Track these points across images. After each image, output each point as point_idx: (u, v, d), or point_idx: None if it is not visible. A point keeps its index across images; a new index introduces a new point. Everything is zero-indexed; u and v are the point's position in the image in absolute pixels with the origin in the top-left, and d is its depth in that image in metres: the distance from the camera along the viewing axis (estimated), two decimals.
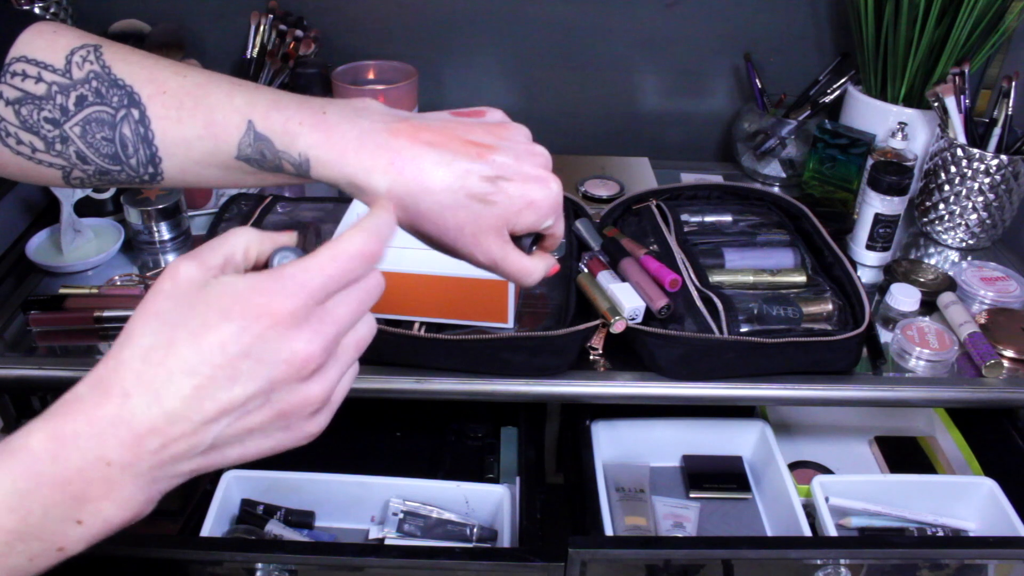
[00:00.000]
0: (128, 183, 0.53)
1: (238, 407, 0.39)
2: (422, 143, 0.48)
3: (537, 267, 0.53)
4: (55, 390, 0.98)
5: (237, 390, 0.38)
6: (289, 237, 0.45)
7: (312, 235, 1.05)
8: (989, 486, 0.96)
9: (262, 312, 0.38)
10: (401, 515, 0.96)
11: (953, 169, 1.11)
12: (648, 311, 0.91)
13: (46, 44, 0.51)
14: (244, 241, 0.43)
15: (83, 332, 0.93)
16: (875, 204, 1.07)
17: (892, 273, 1.07)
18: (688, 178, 1.31)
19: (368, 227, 0.42)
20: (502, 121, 0.54)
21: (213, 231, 1.04)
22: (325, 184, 0.51)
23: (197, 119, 0.50)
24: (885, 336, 0.98)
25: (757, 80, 1.28)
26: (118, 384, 0.38)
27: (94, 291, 0.96)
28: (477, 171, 0.48)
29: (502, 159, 0.49)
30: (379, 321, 0.87)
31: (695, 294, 0.91)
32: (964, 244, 1.16)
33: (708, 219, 1.08)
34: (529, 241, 0.53)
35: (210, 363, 0.38)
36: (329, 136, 0.48)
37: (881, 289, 1.06)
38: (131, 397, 0.37)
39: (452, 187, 0.48)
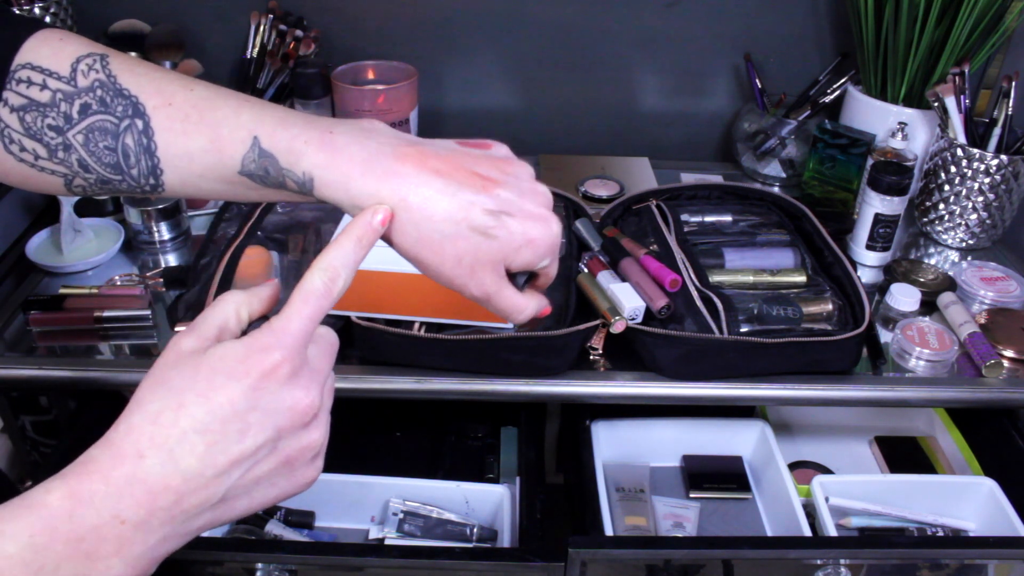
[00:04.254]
0: (129, 192, 0.53)
1: (249, 457, 0.41)
2: (428, 170, 0.48)
3: (529, 305, 0.53)
4: (55, 390, 0.99)
5: (248, 442, 0.41)
6: (271, 288, 0.47)
7: (312, 235, 1.05)
8: (989, 486, 0.96)
9: (265, 367, 0.41)
10: (401, 515, 0.96)
11: (953, 169, 1.11)
12: (648, 311, 0.91)
13: (52, 51, 0.51)
14: (234, 307, 0.45)
15: (83, 332, 0.93)
16: (875, 204, 1.07)
17: (892, 273, 1.07)
18: (688, 178, 1.31)
19: (324, 264, 0.45)
20: (507, 156, 0.53)
21: (213, 231, 1.04)
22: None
23: (202, 132, 0.50)
24: (885, 336, 0.98)
25: (757, 80, 1.28)
26: (132, 446, 0.40)
27: (94, 291, 0.96)
28: (481, 203, 0.48)
29: (506, 194, 0.49)
30: (379, 321, 0.87)
31: (695, 294, 0.91)
32: (964, 244, 1.16)
33: (708, 219, 1.08)
34: (523, 279, 0.53)
35: (221, 419, 0.40)
36: (334, 157, 0.48)
37: (881, 289, 1.06)
38: (145, 458, 0.39)
39: (455, 217, 0.48)
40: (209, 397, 0.40)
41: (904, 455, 1.09)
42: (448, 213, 0.48)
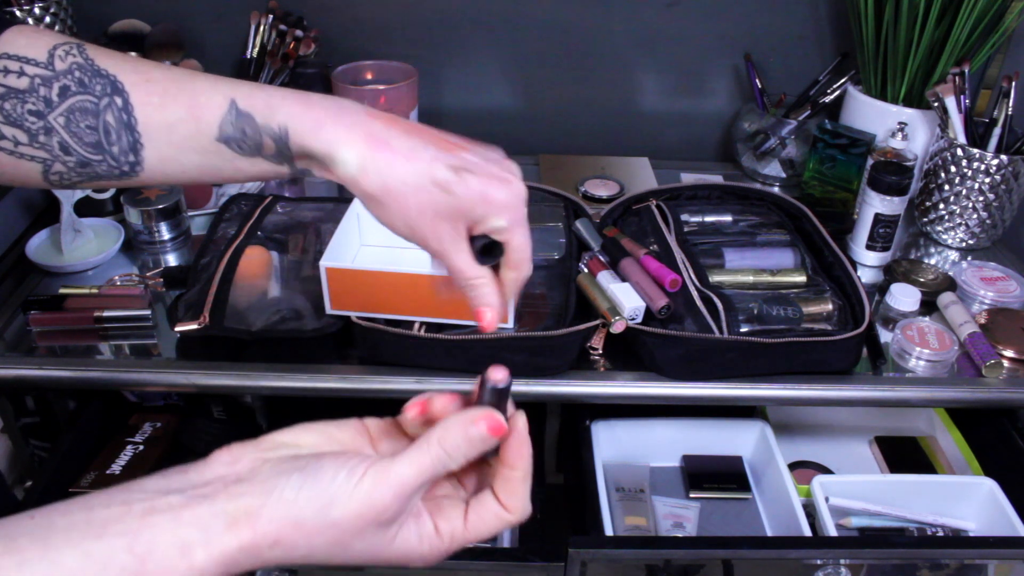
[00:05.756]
0: (107, 176, 0.53)
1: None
2: (397, 128, 0.51)
3: (481, 277, 0.53)
4: (55, 390, 0.98)
5: (341, 555, 0.42)
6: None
7: (312, 235, 1.04)
8: (989, 486, 0.96)
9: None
10: None
11: (953, 169, 1.11)
12: (648, 311, 0.91)
13: (28, 41, 0.52)
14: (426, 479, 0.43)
15: (83, 332, 0.93)
16: (875, 204, 1.07)
17: (892, 273, 1.07)
18: (688, 178, 1.31)
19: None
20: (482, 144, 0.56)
21: (213, 231, 1.04)
22: (316, 178, 0.53)
23: (180, 102, 0.52)
24: (885, 336, 0.98)
25: (757, 80, 1.29)
26: (274, 534, 0.40)
27: (94, 291, 0.96)
28: (444, 160, 0.51)
29: (470, 156, 0.52)
30: (379, 321, 0.87)
31: (695, 294, 0.91)
32: (964, 244, 1.16)
33: (708, 219, 1.08)
34: (480, 244, 0.53)
35: (340, 557, 0.42)
36: (308, 108, 0.51)
37: (881, 289, 1.06)
38: (275, 548, 0.40)
39: (419, 170, 0.50)
40: (348, 549, 0.42)
41: (904, 455, 1.09)
42: (413, 166, 0.50)
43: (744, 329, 0.89)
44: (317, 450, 0.45)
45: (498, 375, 0.45)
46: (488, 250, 0.53)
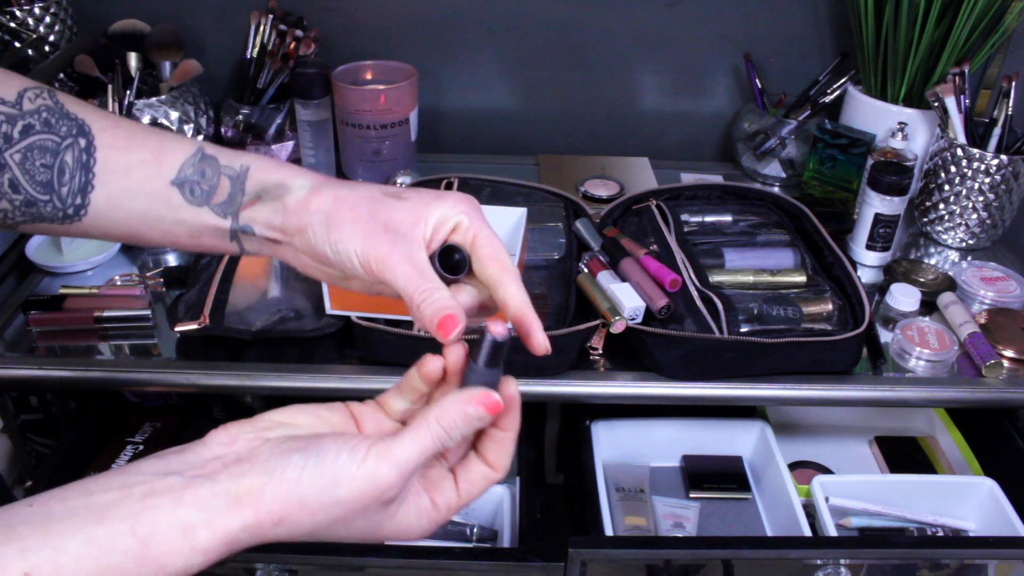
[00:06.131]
0: (50, 218, 0.52)
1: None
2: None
3: (438, 283, 0.48)
4: (55, 390, 0.98)
5: (343, 532, 0.44)
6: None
7: None
8: (989, 486, 0.96)
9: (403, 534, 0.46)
10: None
11: (953, 169, 1.11)
12: (648, 311, 0.91)
13: None
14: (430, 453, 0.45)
15: (83, 332, 0.93)
16: (875, 204, 1.07)
17: (892, 273, 1.07)
18: (688, 178, 1.31)
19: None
20: None
21: None
22: (255, 238, 0.52)
23: (147, 147, 0.52)
24: (885, 336, 0.98)
25: (757, 80, 1.29)
26: (278, 513, 0.41)
27: (94, 291, 0.96)
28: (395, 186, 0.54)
29: None
30: (379, 321, 0.87)
31: (695, 294, 0.91)
32: (964, 244, 1.16)
33: (708, 219, 1.08)
34: (440, 252, 0.49)
35: (340, 534, 0.44)
36: (272, 158, 0.53)
37: (881, 289, 1.06)
38: (278, 527, 0.42)
39: (370, 184, 0.51)
40: (349, 526, 0.43)
41: (904, 455, 1.09)
42: (363, 185, 0.51)
43: (744, 329, 0.89)
44: (312, 431, 0.46)
45: (498, 328, 0.48)
46: (452, 262, 0.49)
